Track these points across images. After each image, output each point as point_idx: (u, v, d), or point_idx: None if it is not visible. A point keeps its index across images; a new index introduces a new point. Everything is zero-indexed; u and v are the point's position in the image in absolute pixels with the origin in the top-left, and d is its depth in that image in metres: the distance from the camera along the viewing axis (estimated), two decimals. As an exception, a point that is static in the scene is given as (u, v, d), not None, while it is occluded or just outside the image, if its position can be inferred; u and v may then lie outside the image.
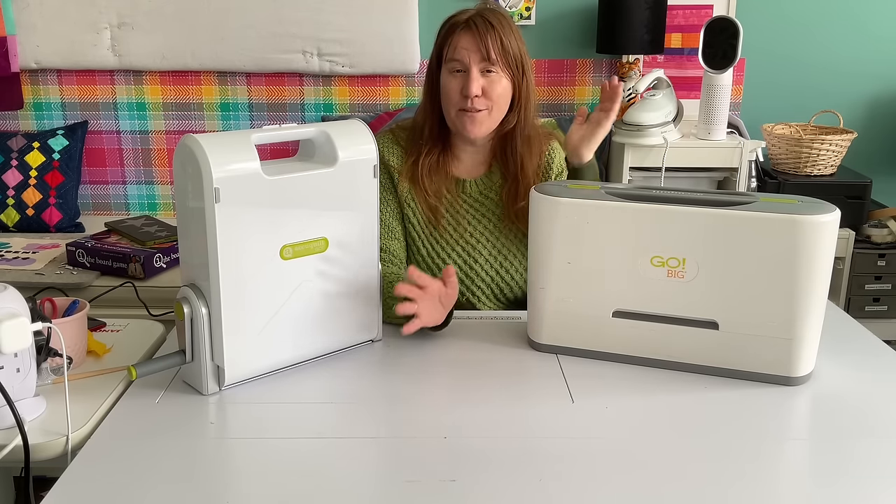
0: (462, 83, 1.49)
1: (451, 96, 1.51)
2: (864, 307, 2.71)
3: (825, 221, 1.14)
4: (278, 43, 2.81)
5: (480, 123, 1.52)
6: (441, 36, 1.54)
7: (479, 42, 1.48)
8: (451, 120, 1.54)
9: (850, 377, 1.25)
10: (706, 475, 1.00)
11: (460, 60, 1.49)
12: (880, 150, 3.02)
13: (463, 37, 1.49)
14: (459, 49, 1.49)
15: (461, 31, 1.50)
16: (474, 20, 1.49)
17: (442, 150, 1.59)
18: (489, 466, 1.01)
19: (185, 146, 1.12)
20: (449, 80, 1.51)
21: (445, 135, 1.59)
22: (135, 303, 1.68)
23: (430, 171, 1.58)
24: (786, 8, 2.90)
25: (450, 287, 1.35)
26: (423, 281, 1.30)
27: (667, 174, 2.58)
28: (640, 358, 1.28)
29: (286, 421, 1.13)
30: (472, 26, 1.49)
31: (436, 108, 1.57)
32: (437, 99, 1.56)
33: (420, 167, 1.57)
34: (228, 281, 1.14)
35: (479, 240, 1.60)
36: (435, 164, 1.58)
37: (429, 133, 1.58)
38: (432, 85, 1.57)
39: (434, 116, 1.57)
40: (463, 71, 1.50)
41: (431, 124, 1.58)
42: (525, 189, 1.54)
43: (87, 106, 2.93)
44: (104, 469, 1.01)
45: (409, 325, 1.29)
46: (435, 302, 1.33)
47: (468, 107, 1.49)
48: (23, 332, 1.05)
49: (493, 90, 1.50)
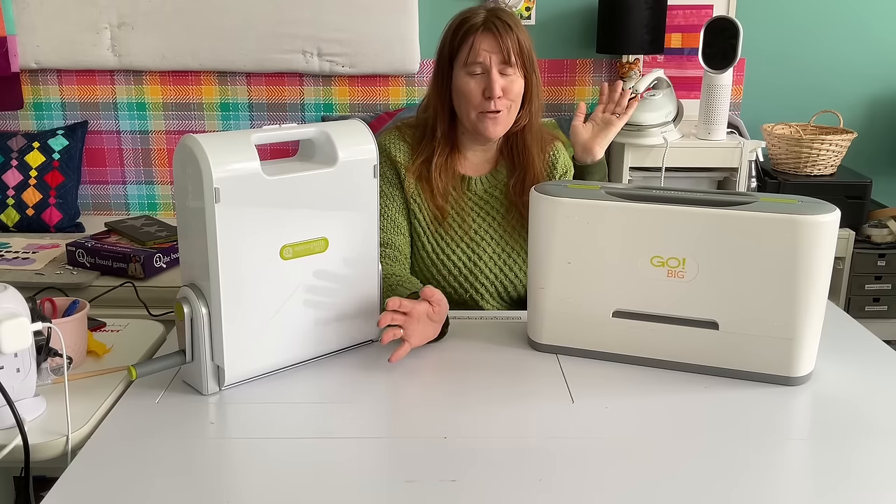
0: (483, 85, 1.50)
1: (471, 98, 1.52)
2: (864, 307, 2.71)
3: (825, 221, 1.14)
4: (278, 43, 2.81)
5: (501, 123, 1.54)
6: (456, 37, 1.53)
7: (501, 44, 1.49)
8: (470, 121, 1.55)
9: (850, 377, 1.25)
10: (706, 475, 1.00)
11: (482, 63, 1.50)
12: (880, 150, 3.02)
13: (484, 39, 1.50)
14: (481, 52, 1.49)
15: (481, 33, 1.50)
16: (493, 22, 1.50)
17: (451, 149, 1.60)
18: (489, 466, 1.01)
19: (185, 146, 1.12)
20: (468, 81, 1.51)
21: (455, 134, 1.60)
22: (135, 303, 1.68)
23: (441, 170, 1.59)
24: (786, 8, 2.90)
25: (436, 304, 1.31)
26: (406, 307, 1.26)
27: (667, 174, 2.58)
28: (640, 358, 1.28)
29: (286, 421, 1.13)
30: (491, 28, 1.50)
31: (447, 107, 1.57)
32: (447, 99, 1.57)
33: (432, 166, 1.58)
34: (228, 281, 1.14)
35: (483, 237, 1.60)
36: (444, 163, 1.59)
37: (442, 134, 1.58)
38: (442, 85, 1.57)
39: (445, 117, 1.58)
40: (483, 73, 1.50)
41: (444, 125, 1.58)
42: (532, 181, 1.57)
43: (87, 106, 2.93)
44: (104, 469, 1.01)
45: (397, 353, 1.26)
46: (423, 322, 1.30)
47: (489, 108, 1.50)
48: (23, 332, 1.05)
49: (512, 89, 1.52)
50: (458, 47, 1.53)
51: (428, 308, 1.30)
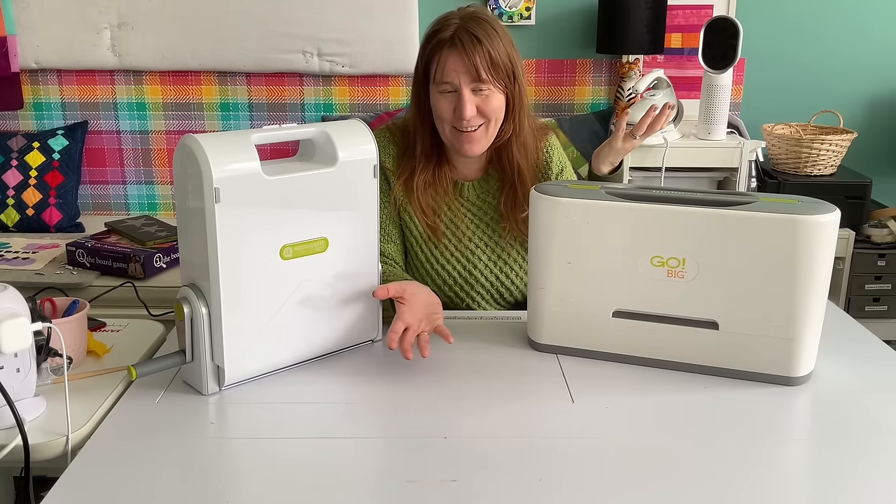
0: (454, 104, 1.44)
1: (443, 116, 1.46)
2: (864, 307, 2.71)
3: (825, 221, 1.14)
4: (278, 43, 2.81)
5: (478, 141, 1.48)
6: (426, 52, 1.46)
7: (468, 62, 1.40)
8: (446, 137, 1.50)
9: (850, 377, 1.25)
10: (706, 475, 1.00)
11: (450, 82, 1.43)
12: (880, 150, 3.02)
13: (450, 57, 1.42)
14: (448, 71, 1.42)
15: (448, 50, 1.42)
16: (459, 37, 1.41)
17: (437, 162, 1.55)
18: (489, 466, 1.01)
19: (185, 146, 1.12)
20: (440, 99, 1.45)
21: (439, 144, 1.55)
22: (135, 303, 1.68)
23: (427, 187, 1.54)
24: (786, 8, 2.90)
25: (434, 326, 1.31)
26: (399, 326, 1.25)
27: (667, 174, 2.58)
28: (640, 358, 1.28)
29: (286, 421, 1.13)
30: (457, 45, 1.41)
31: (426, 122, 1.52)
32: (426, 113, 1.51)
33: (416, 184, 1.53)
34: (228, 281, 1.14)
35: (478, 245, 1.58)
36: (430, 179, 1.54)
37: (422, 149, 1.53)
38: (420, 99, 1.51)
39: (425, 131, 1.52)
40: (454, 92, 1.44)
41: (423, 139, 1.53)
42: (524, 197, 1.51)
43: (87, 106, 2.93)
44: (104, 469, 1.01)
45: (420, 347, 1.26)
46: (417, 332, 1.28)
47: (463, 127, 1.45)
48: (23, 332, 1.05)
49: (489, 107, 1.44)
50: (428, 63, 1.46)
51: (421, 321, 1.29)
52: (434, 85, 1.46)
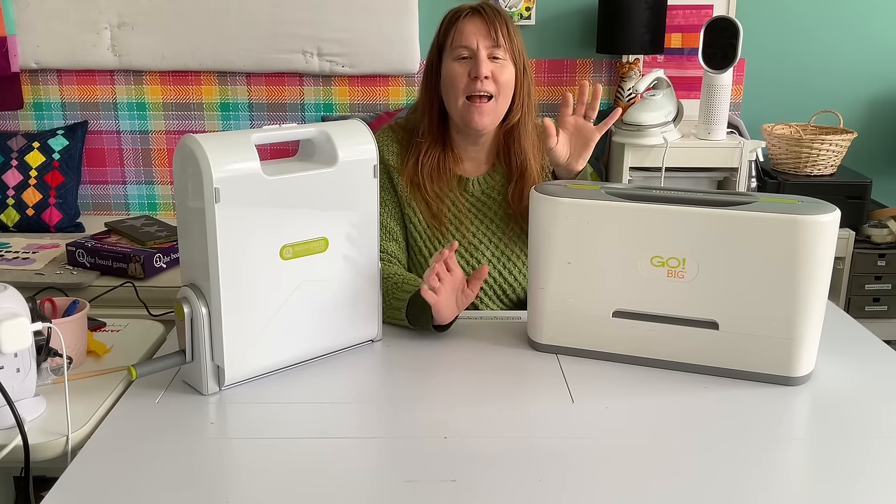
0: (469, 67, 1.48)
1: (456, 83, 1.49)
2: (864, 307, 2.71)
3: (825, 221, 1.14)
4: (278, 43, 2.81)
5: (488, 114, 1.50)
6: (443, 26, 1.54)
7: (489, 26, 1.48)
8: (456, 111, 1.52)
9: (850, 377, 1.25)
10: (706, 475, 1.00)
11: (467, 46, 1.48)
12: (880, 150, 3.02)
13: (470, 22, 1.49)
14: (467, 34, 1.49)
15: (468, 16, 1.50)
16: (482, 7, 1.51)
17: (443, 150, 1.57)
18: (489, 466, 1.01)
19: (185, 146, 1.12)
20: (454, 67, 1.50)
21: (445, 132, 1.58)
22: (135, 303, 1.68)
23: (432, 172, 1.56)
24: (786, 8, 2.90)
25: (472, 286, 1.34)
26: (452, 263, 1.31)
27: (667, 174, 2.58)
28: (640, 358, 1.28)
29: (286, 421, 1.13)
30: (480, 12, 1.50)
31: (435, 102, 1.55)
32: (436, 94, 1.55)
33: (421, 168, 1.55)
34: (228, 281, 1.14)
35: (481, 240, 1.59)
36: (436, 165, 1.56)
37: (428, 128, 1.56)
38: (431, 80, 1.56)
39: (433, 111, 1.56)
40: (470, 57, 1.49)
41: (430, 119, 1.56)
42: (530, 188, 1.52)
43: (87, 106, 2.93)
44: (104, 469, 1.01)
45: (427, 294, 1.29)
46: (453, 295, 1.33)
47: (476, 90, 1.47)
48: (23, 332, 1.05)
49: (501, 75, 1.49)
50: (446, 35, 1.53)
51: (463, 281, 1.34)
52: (449, 52, 1.51)
